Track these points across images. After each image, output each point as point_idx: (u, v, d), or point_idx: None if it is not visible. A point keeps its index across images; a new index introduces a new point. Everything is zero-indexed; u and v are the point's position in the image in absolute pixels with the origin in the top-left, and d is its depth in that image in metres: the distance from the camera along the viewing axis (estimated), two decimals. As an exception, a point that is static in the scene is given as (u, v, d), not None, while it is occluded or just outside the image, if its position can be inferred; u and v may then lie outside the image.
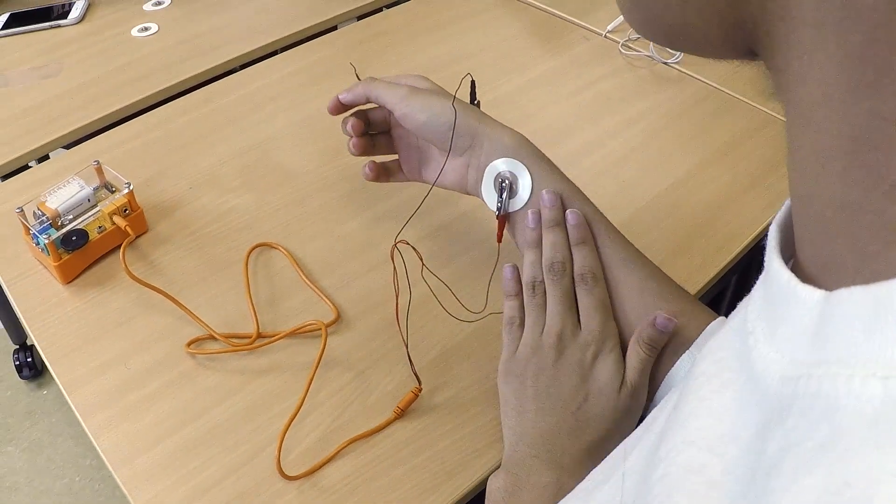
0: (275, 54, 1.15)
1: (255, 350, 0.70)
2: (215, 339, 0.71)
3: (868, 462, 0.22)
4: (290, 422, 0.63)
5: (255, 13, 1.24)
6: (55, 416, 1.68)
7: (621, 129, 0.96)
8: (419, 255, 0.70)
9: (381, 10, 1.25)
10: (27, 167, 0.95)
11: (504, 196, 0.65)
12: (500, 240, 0.68)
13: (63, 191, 0.77)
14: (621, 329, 0.62)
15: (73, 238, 0.76)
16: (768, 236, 0.33)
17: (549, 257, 0.63)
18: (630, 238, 0.66)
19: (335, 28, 1.22)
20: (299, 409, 0.64)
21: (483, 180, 0.67)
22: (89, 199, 0.78)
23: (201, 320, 0.72)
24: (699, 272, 0.77)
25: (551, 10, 1.21)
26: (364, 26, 1.20)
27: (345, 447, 0.63)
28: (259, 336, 0.71)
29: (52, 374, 0.70)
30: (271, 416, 0.65)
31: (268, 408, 0.66)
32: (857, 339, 0.25)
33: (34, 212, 0.76)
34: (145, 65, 1.11)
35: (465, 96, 0.73)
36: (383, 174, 0.76)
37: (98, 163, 0.81)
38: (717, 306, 0.72)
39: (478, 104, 0.80)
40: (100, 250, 0.79)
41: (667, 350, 0.60)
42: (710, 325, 0.60)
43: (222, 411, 0.66)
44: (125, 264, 0.72)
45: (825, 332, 0.27)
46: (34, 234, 0.75)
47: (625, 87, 1.04)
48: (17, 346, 1.70)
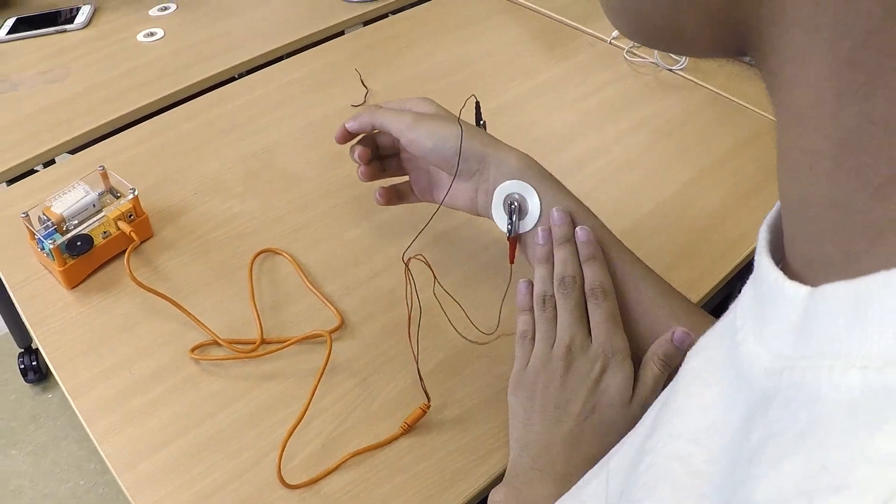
0: (280, 60, 1.15)
1: (259, 356, 0.70)
2: (219, 344, 0.71)
3: (846, 448, 0.23)
4: (293, 430, 0.63)
5: (261, 19, 1.24)
6: (60, 419, 1.68)
7: (625, 136, 0.96)
8: (433, 272, 0.71)
9: (386, 17, 1.25)
10: (33, 172, 0.96)
11: (514, 218, 0.66)
12: (512, 261, 0.68)
13: (68, 196, 0.77)
14: (633, 346, 0.62)
15: (78, 243, 0.76)
16: (758, 237, 0.34)
17: (559, 272, 0.64)
18: (633, 244, 0.66)
19: (341, 34, 1.22)
20: (302, 416, 0.64)
21: (493, 203, 0.67)
22: (94, 205, 0.78)
23: (205, 326, 0.72)
24: (703, 278, 0.77)
25: (556, 16, 1.21)
26: (370, 32, 1.21)
27: (348, 459, 0.62)
28: (263, 342, 0.71)
29: (57, 379, 0.70)
30: (274, 422, 0.65)
31: (271, 414, 0.66)
32: (839, 333, 0.26)
33: (39, 217, 0.77)
34: (151, 70, 1.11)
35: (469, 117, 0.72)
36: (395, 197, 0.77)
37: (103, 168, 0.81)
38: (720, 313, 0.72)
39: (484, 125, 0.81)
40: (104, 255, 0.79)
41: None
42: None
43: (225, 417, 0.66)
44: (130, 269, 0.72)
45: (809, 328, 0.27)
46: (39, 238, 0.75)
47: (629, 94, 1.04)
48: (23, 350, 1.70)
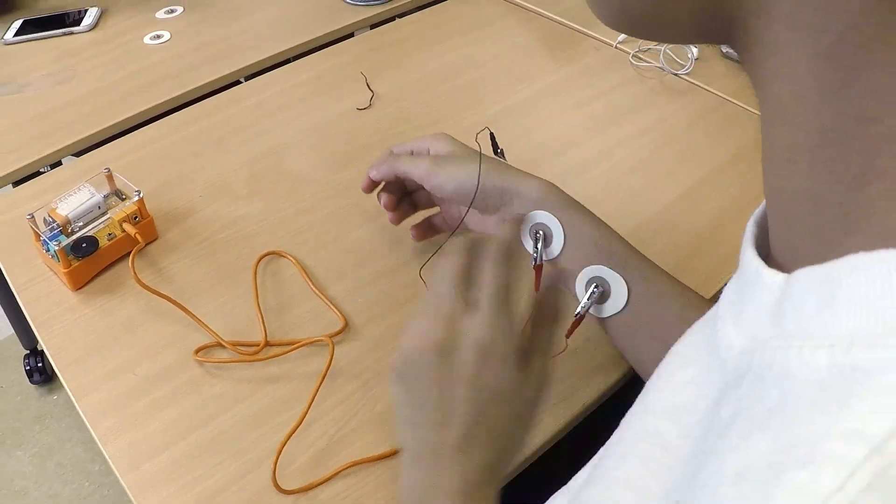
0: (286, 63, 1.15)
1: (263, 359, 0.70)
2: (223, 346, 0.71)
3: (814, 424, 0.23)
4: (290, 435, 0.63)
5: (267, 22, 1.24)
6: (65, 421, 1.68)
7: (630, 140, 0.96)
8: None
9: (392, 20, 1.25)
10: (38, 173, 0.96)
11: (539, 246, 0.66)
12: (537, 288, 0.68)
13: (73, 198, 0.78)
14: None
15: (83, 245, 0.76)
16: (745, 230, 0.35)
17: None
18: (637, 248, 0.66)
19: (346, 37, 1.22)
20: (301, 421, 0.64)
21: (520, 233, 0.69)
22: (99, 207, 0.79)
23: (209, 328, 0.72)
24: (706, 283, 0.77)
25: (562, 20, 1.21)
26: (375, 36, 1.21)
27: (347, 468, 0.62)
28: (267, 344, 0.71)
29: (61, 380, 0.70)
30: (276, 424, 0.65)
31: (274, 416, 0.66)
32: (809, 315, 0.26)
33: (45, 218, 0.77)
34: (157, 72, 1.11)
35: (485, 148, 0.72)
36: (429, 231, 0.78)
37: (109, 170, 0.81)
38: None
39: (501, 153, 0.82)
40: (109, 257, 0.79)
41: None
42: None
43: (228, 419, 0.66)
44: (134, 272, 0.72)
45: (783, 310, 0.28)
46: (44, 240, 0.75)
47: (634, 98, 1.04)
48: (28, 352, 1.71)
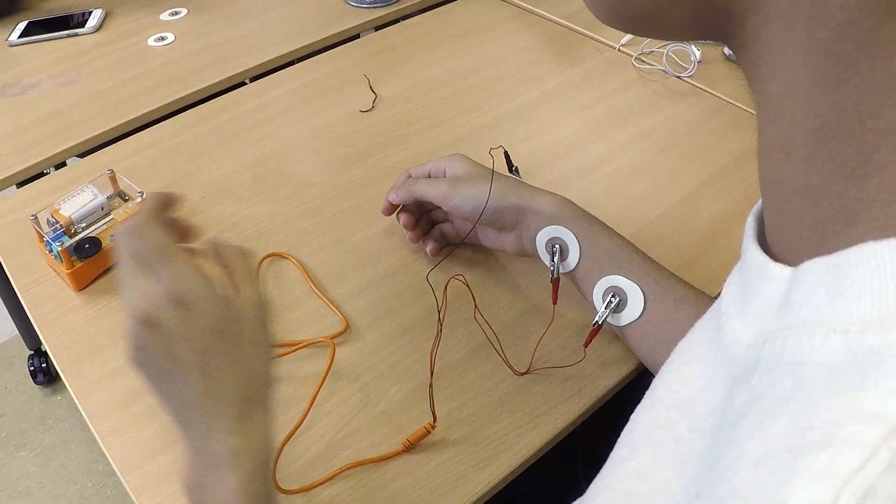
0: (289, 65, 1.16)
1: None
2: (225, 347, 0.71)
3: (830, 407, 0.23)
4: (290, 436, 0.63)
5: (272, 24, 1.25)
6: (69, 421, 1.69)
7: (633, 143, 0.96)
8: (474, 297, 0.72)
9: (395, 23, 1.26)
10: (42, 174, 0.96)
11: (556, 260, 0.68)
12: (554, 301, 0.70)
13: (77, 199, 0.78)
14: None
15: (86, 246, 0.76)
16: (745, 226, 0.35)
17: None
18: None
19: (350, 39, 1.22)
20: (301, 422, 0.64)
21: (537, 250, 0.70)
22: (103, 208, 0.79)
23: (211, 329, 0.72)
24: (709, 285, 0.76)
25: (565, 22, 1.21)
26: (378, 38, 1.21)
27: (347, 469, 0.62)
28: (268, 345, 0.72)
29: (64, 380, 0.70)
30: (277, 425, 0.65)
31: (275, 417, 0.66)
32: (820, 303, 0.26)
33: (48, 219, 0.77)
34: (161, 74, 1.12)
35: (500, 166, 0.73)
36: (440, 240, 0.80)
37: (112, 171, 0.82)
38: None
39: (516, 171, 0.83)
40: (112, 258, 0.79)
41: None
42: None
43: (230, 420, 0.66)
44: (137, 272, 0.72)
45: (791, 301, 0.28)
46: (47, 241, 0.76)
47: (637, 101, 1.04)
48: (32, 352, 1.71)
